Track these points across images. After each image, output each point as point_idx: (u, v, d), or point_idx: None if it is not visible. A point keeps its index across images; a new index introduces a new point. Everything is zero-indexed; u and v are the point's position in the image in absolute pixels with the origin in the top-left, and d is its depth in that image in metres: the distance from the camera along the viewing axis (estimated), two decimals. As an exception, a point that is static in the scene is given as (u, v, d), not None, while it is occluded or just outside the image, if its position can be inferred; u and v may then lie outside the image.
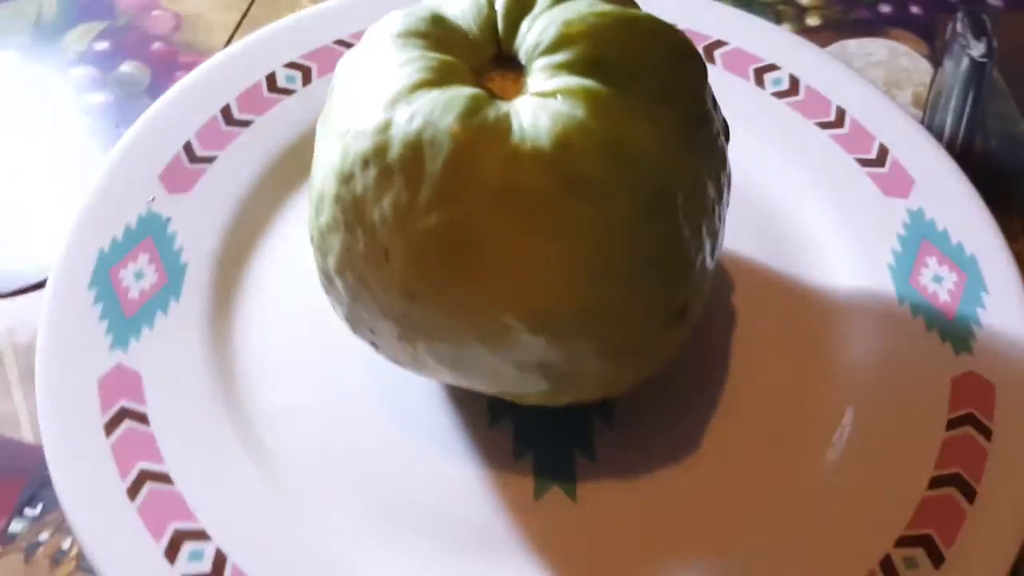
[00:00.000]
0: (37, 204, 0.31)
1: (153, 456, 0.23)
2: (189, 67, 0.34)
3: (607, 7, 0.20)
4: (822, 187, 0.29)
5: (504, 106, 0.20)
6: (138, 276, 0.26)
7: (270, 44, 0.31)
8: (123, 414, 0.24)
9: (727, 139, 0.24)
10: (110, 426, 0.24)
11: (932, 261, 0.28)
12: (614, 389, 0.23)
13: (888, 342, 0.26)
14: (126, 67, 0.35)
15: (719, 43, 0.33)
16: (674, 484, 0.24)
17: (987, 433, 0.24)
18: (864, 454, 0.25)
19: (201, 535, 0.22)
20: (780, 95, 0.32)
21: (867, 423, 0.25)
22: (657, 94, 0.20)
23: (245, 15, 0.37)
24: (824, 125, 0.31)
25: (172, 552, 0.22)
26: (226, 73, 0.31)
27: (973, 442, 0.24)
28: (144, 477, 0.23)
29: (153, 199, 0.28)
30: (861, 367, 0.26)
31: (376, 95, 0.20)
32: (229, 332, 0.26)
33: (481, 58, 0.21)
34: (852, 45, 0.37)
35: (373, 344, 0.23)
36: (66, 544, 0.24)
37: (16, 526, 0.24)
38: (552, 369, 0.21)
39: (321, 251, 0.22)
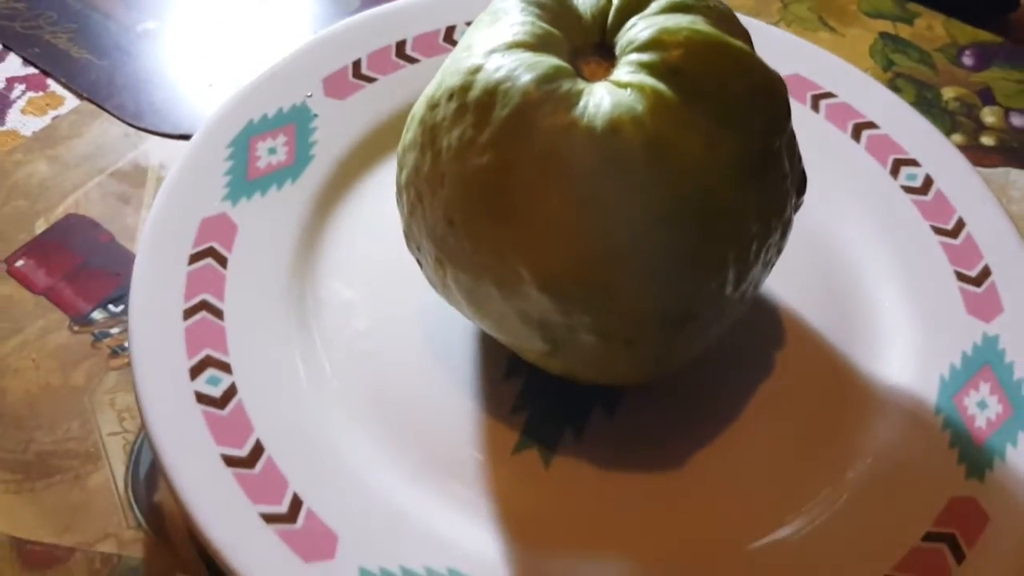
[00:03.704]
0: (238, 70, 0.35)
1: (217, 293, 0.27)
2: None
3: (708, 29, 0.22)
4: (910, 284, 0.29)
5: (582, 84, 0.22)
6: (271, 151, 0.30)
7: (458, 2, 0.35)
8: (208, 252, 0.28)
9: (800, 193, 0.25)
10: (195, 258, 0.27)
11: (985, 387, 0.27)
12: (604, 376, 0.24)
13: (906, 445, 0.26)
14: (346, -12, 0.39)
15: (871, 124, 0.33)
16: (642, 488, 0.25)
17: (960, 557, 0.24)
18: (833, 531, 0.25)
19: (226, 367, 0.26)
20: (909, 190, 0.32)
21: (847, 508, 0.25)
22: (722, 118, 0.21)
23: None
24: (938, 231, 0.31)
25: (197, 371, 0.25)
26: (415, 14, 0.34)
27: (942, 559, 0.24)
28: (203, 306, 0.27)
29: (311, 95, 0.32)
30: (868, 456, 0.26)
31: (482, 43, 0.23)
32: (322, 221, 0.30)
33: (584, 41, 0.23)
34: (1016, 175, 0.36)
35: (418, 261, 0.25)
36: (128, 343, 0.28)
37: (97, 314, 0.29)
38: (550, 331, 0.23)
39: (400, 165, 0.24)
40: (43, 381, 0.28)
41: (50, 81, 0.34)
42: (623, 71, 0.22)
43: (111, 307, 0.29)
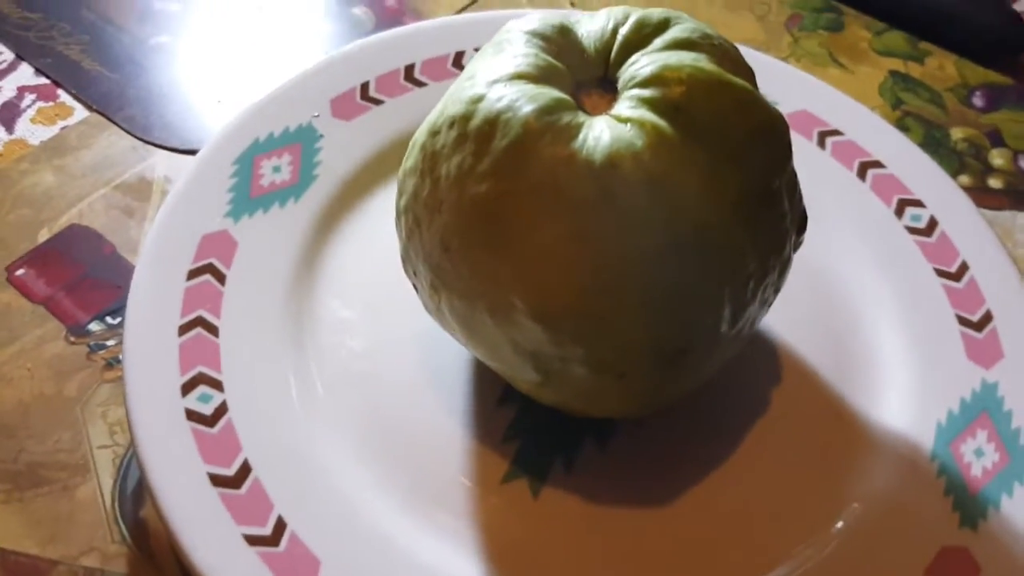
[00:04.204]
0: (249, 87, 0.36)
1: (214, 309, 0.27)
2: (406, 26, 0.39)
3: (711, 67, 0.22)
4: (910, 327, 0.29)
5: (582, 117, 0.22)
6: (275, 169, 0.30)
7: (468, 28, 0.35)
8: (207, 269, 0.28)
9: (799, 232, 0.25)
10: (193, 274, 0.27)
11: (982, 435, 0.27)
12: (596, 408, 0.24)
13: (900, 490, 0.26)
14: (358, 10, 0.39)
15: (877, 163, 0.33)
16: (630, 523, 0.25)
17: (949, 608, 0.24)
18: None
19: (217, 385, 0.26)
20: (913, 231, 0.31)
21: (838, 552, 0.25)
22: (722, 157, 0.21)
23: (474, 2, 0.40)
24: (941, 273, 0.30)
25: (188, 387, 0.25)
26: (426, 39, 0.34)
27: (930, 610, 0.24)
28: (198, 322, 0.27)
29: (317, 115, 0.32)
30: (861, 500, 0.26)
31: (485, 73, 0.23)
32: (323, 240, 0.30)
33: (587, 75, 0.23)
34: (1023, 219, 0.36)
35: (415, 286, 0.25)
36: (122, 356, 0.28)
37: (94, 326, 0.29)
38: (542, 362, 0.23)
39: (400, 190, 0.24)
40: (37, 390, 0.28)
41: (60, 92, 0.35)
42: (624, 106, 0.22)
43: (109, 319, 0.29)
